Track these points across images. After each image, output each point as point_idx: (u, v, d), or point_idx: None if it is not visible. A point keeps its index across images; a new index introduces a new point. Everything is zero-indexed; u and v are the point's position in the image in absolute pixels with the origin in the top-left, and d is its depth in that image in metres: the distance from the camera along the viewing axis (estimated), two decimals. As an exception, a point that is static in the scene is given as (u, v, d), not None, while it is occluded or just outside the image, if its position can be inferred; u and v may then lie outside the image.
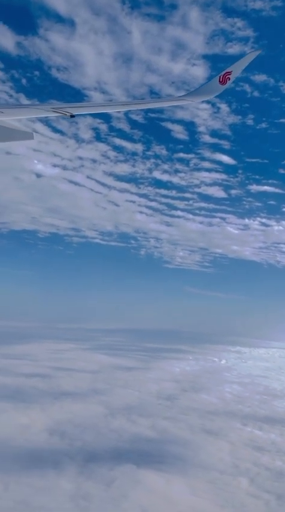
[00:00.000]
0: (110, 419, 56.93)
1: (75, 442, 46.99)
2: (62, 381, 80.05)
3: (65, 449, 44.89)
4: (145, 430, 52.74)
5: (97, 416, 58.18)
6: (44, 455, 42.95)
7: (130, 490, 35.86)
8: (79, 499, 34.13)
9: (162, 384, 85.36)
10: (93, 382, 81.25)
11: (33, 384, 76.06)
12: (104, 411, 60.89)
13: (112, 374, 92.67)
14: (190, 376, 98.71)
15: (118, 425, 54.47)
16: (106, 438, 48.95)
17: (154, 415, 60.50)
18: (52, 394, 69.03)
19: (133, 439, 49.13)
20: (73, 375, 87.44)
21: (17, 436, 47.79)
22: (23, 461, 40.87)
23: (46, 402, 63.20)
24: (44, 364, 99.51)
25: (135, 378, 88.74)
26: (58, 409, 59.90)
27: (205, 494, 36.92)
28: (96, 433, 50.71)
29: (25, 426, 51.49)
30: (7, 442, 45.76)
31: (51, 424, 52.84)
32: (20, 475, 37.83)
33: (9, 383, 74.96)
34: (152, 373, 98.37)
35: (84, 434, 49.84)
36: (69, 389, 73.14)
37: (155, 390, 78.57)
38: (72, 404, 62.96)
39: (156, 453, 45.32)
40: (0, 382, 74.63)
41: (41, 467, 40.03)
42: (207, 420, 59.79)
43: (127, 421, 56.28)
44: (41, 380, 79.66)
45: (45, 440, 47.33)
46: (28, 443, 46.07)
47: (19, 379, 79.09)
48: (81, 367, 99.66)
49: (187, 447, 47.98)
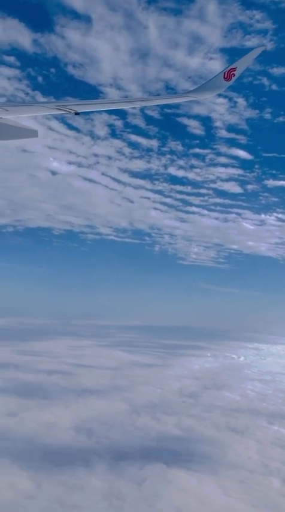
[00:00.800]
0: (135, 417, 56.80)
1: (102, 440, 46.96)
2: (83, 378, 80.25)
3: (93, 447, 44.88)
4: (171, 429, 52.48)
5: (122, 413, 58.11)
6: (73, 453, 43.01)
7: (163, 490, 35.64)
8: (113, 498, 34.03)
9: (183, 381, 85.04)
10: (113, 379, 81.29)
11: (54, 380, 76.45)
12: (128, 409, 60.81)
13: (132, 371, 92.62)
14: (210, 373, 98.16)
15: (143, 423, 54.32)
16: (133, 436, 48.82)
17: (178, 413, 60.23)
18: (74, 391, 69.24)
19: (160, 438, 48.90)
20: (94, 372, 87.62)
21: (44, 434, 47.96)
22: (53, 459, 40.96)
23: (69, 399, 63.41)
24: (64, 360, 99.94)
25: (156, 375, 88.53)
26: (83, 407, 60.01)
27: (237, 494, 36.51)
28: (122, 431, 50.62)
29: (51, 424, 51.67)
30: (35, 439, 45.95)
31: (77, 422, 52.94)
32: (51, 473, 37.90)
33: (31, 380, 75.47)
34: (172, 370, 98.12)
35: (111, 432, 49.80)
36: (91, 387, 73.26)
37: (177, 387, 78.30)
38: (95, 402, 63.03)
39: (184, 452, 45.03)
40: (22, 379, 75.21)
41: (71, 465, 40.07)
42: (232, 418, 59.28)
43: (152, 419, 56.10)
44: (62, 377, 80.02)
45: (72, 438, 47.42)
46: (55, 441, 46.21)
47: (40, 376, 79.57)
48: (100, 363, 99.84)
49: (215, 446, 47.57)
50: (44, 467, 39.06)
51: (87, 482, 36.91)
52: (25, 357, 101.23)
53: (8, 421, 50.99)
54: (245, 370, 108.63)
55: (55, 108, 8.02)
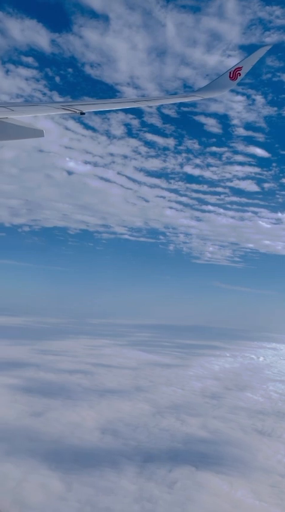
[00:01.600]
0: (159, 418, 56.36)
1: (129, 442, 46.62)
2: (104, 378, 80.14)
3: (120, 448, 44.56)
4: (197, 430, 51.89)
5: (146, 414, 57.74)
6: (101, 455, 42.75)
7: (194, 493, 35.12)
8: (144, 501, 33.63)
9: (204, 381, 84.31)
10: (134, 379, 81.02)
11: (76, 380, 76.49)
12: (151, 409, 60.42)
13: (152, 371, 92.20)
14: (231, 373, 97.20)
15: (168, 424, 53.84)
16: (160, 438, 48.37)
17: (202, 414, 59.60)
18: (96, 391, 69.13)
19: (187, 440, 48.38)
20: (114, 372, 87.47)
21: (70, 434, 47.85)
22: (81, 460, 40.77)
23: (92, 399, 63.29)
24: (83, 360, 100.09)
25: (176, 375, 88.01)
26: (106, 407, 59.79)
27: (271, 499, 35.80)
28: (148, 432, 50.22)
29: (76, 424, 51.53)
30: (62, 440, 45.85)
31: (102, 422, 52.74)
32: (81, 475, 37.69)
33: (53, 379, 75.66)
34: (192, 370, 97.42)
35: (137, 434, 49.44)
36: (113, 387, 73.07)
37: (198, 388, 77.62)
38: (118, 402, 62.76)
39: (212, 454, 44.42)
40: (44, 379, 75.44)
41: (100, 466, 39.81)
42: (257, 420, 58.43)
43: (176, 420, 55.60)
44: (83, 376, 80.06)
45: (98, 439, 47.19)
46: (82, 441, 46.02)
47: (62, 375, 79.74)
48: (119, 363, 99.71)
49: (243, 448, 46.85)
50: (73, 468, 38.88)
51: (117, 484, 36.59)
52: (45, 356, 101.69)
53: (34, 421, 51.03)
54: (266, 370, 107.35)
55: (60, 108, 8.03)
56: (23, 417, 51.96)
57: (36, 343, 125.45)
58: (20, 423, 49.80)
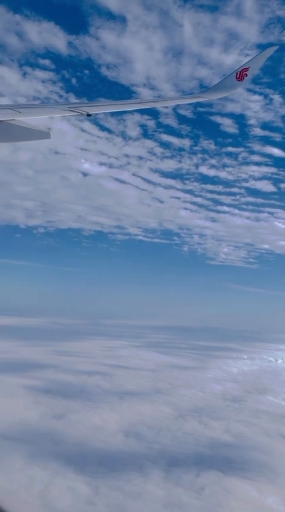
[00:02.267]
0: (182, 421, 55.79)
1: (153, 445, 46.16)
2: (123, 380, 79.80)
3: (145, 452, 44.12)
4: (221, 434, 51.18)
5: (168, 417, 57.22)
6: (125, 458, 42.38)
7: (224, 499, 34.50)
8: (173, 507, 33.13)
9: (224, 384, 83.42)
10: (153, 382, 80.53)
11: (95, 382, 76.33)
12: (173, 412, 59.86)
13: (171, 373, 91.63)
14: (250, 376, 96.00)
15: (192, 428, 53.23)
16: (184, 442, 47.81)
17: (225, 417, 58.84)
18: (116, 393, 68.80)
19: (212, 444, 47.72)
20: (132, 374, 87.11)
21: (93, 437, 47.58)
22: (106, 464, 40.44)
23: (113, 402, 62.96)
24: (101, 361, 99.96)
25: (195, 378, 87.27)
26: (127, 409, 59.42)
27: (302, 507, 34.93)
28: (172, 436, 49.69)
29: (99, 427, 51.25)
30: (85, 443, 45.60)
31: (124, 425, 52.36)
32: (107, 479, 37.36)
33: (72, 381, 75.63)
34: (211, 372, 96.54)
35: (160, 437, 48.95)
36: (132, 389, 72.70)
37: (218, 391, 76.79)
38: (139, 405, 62.36)
39: (238, 459, 43.69)
40: (63, 380, 75.45)
41: (125, 470, 39.42)
42: (282, 424, 57.39)
43: (199, 424, 54.94)
44: (102, 378, 79.86)
45: (122, 442, 46.81)
46: (106, 445, 45.71)
47: (81, 377, 79.64)
48: (137, 365, 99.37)
49: (269, 454, 45.99)
50: (99, 472, 38.58)
51: (144, 489, 36.15)
52: (62, 357, 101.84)
53: (56, 423, 50.90)
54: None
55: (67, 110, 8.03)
56: (46, 419, 51.86)
57: (52, 344, 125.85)
58: (43, 425, 49.69)
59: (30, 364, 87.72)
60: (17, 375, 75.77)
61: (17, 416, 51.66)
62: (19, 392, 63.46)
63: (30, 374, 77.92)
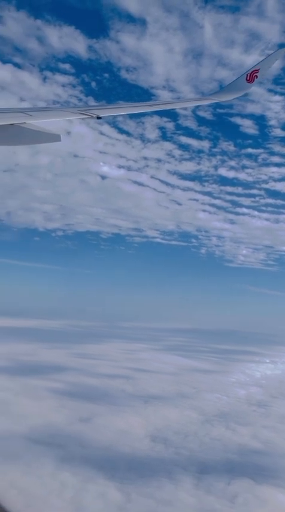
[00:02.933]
0: (208, 426, 55.09)
1: (181, 451, 45.64)
2: (146, 384, 79.46)
3: (173, 458, 43.65)
4: (249, 441, 50.32)
5: (194, 422, 56.63)
6: (154, 464, 41.97)
7: (258, 509, 33.78)
8: (207, 515, 32.56)
9: (247, 388, 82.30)
10: (176, 386, 79.98)
11: (118, 385, 76.16)
12: (199, 417, 59.24)
13: (193, 377, 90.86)
14: (274, 380, 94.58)
15: (219, 433, 52.50)
16: (212, 448, 47.16)
17: (252, 423, 57.88)
18: (140, 397, 68.50)
19: (240, 450, 46.93)
20: (154, 377, 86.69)
21: (121, 442, 47.32)
22: (135, 469, 40.11)
23: (137, 406, 62.68)
24: (122, 364, 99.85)
25: (218, 382, 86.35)
26: (152, 414, 59.03)
27: None
28: (199, 441, 49.08)
29: (125, 431, 50.99)
30: (113, 447, 45.38)
31: (151, 430, 51.99)
32: (137, 485, 37.00)
33: (95, 384, 75.62)
34: (233, 376, 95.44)
35: (188, 443, 48.41)
36: (156, 393, 72.27)
37: (243, 395, 75.77)
38: (164, 409, 61.88)
39: (269, 467, 42.84)
40: (86, 383, 75.50)
41: (155, 476, 39.00)
42: (311, 431, 56.14)
43: (226, 430, 54.17)
44: (124, 382, 79.66)
45: (149, 448, 46.43)
46: (134, 450, 45.40)
47: (103, 380, 79.61)
48: (158, 368, 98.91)
49: (300, 461, 44.94)
50: (129, 478, 38.25)
51: (175, 496, 35.68)
52: (83, 360, 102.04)
53: (82, 427, 50.84)
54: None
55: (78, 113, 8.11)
56: (72, 423, 51.86)
57: (72, 346, 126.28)
58: (70, 429, 49.69)
59: (51, 367, 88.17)
60: (40, 377, 76.22)
61: (44, 419, 51.81)
62: (44, 395, 63.72)
63: (53, 377, 78.29)
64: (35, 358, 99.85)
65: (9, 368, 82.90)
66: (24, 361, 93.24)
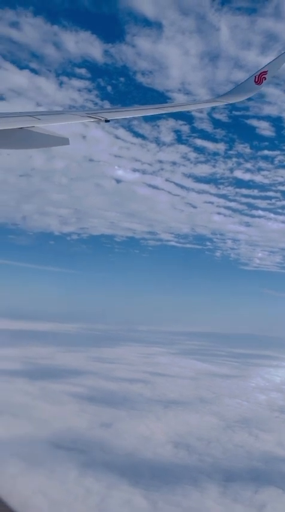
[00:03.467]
0: (230, 433, 54.28)
1: (204, 458, 45.01)
2: (165, 388, 78.82)
3: (197, 465, 43.05)
4: (273, 448, 49.38)
5: (215, 428, 55.86)
6: (178, 471, 41.44)
7: (288, 519, 32.95)
8: (236, 525, 31.89)
9: (268, 394, 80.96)
10: (196, 390, 79.14)
11: (137, 390, 75.72)
12: (220, 423, 58.42)
13: (212, 382, 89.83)
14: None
15: (242, 440, 51.65)
16: (236, 455, 46.38)
17: (275, 429, 56.85)
18: (160, 402, 67.94)
19: (265, 458, 46.06)
20: (173, 382, 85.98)
21: (143, 447, 46.87)
22: (159, 476, 39.63)
23: (158, 411, 62.14)
24: (140, 368, 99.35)
25: (238, 387, 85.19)
26: (173, 419, 58.46)
27: None
28: (222, 448, 48.35)
29: (147, 437, 50.54)
30: (136, 453, 44.98)
31: (172, 436, 51.42)
32: (163, 492, 36.52)
33: (114, 389, 75.27)
34: (253, 381, 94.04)
35: (211, 449, 47.72)
36: (175, 398, 71.65)
37: (263, 401, 74.57)
38: (184, 414, 61.27)
39: (296, 475, 41.84)
40: (106, 388, 75.23)
41: (180, 484, 38.49)
42: None
43: (249, 436, 53.28)
44: (143, 386, 79.15)
45: (172, 454, 45.91)
46: (157, 456, 44.92)
47: (122, 384, 79.21)
48: (176, 373, 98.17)
49: None
50: (153, 485, 37.81)
51: (202, 504, 35.12)
52: (101, 364, 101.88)
53: (105, 433, 50.57)
54: None
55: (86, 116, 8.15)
56: (94, 428, 51.64)
57: (88, 350, 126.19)
58: (92, 434, 49.47)
59: (70, 371, 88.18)
60: (59, 381, 76.28)
61: (66, 424, 51.69)
62: (64, 399, 63.68)
63: (72, 381, 78.23)
64: (53, 361, 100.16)
65: (28, 371, 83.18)
66: (42, 365, 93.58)
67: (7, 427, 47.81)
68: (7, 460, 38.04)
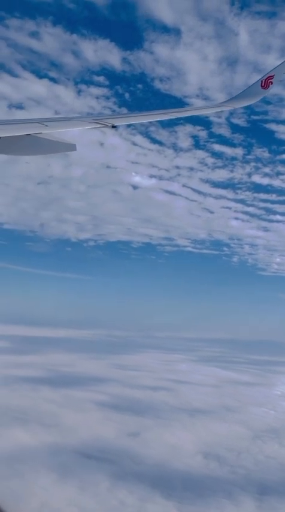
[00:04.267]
0: (260, 443, 53.05)
1: (236, 469, 43.95)
2: (189, 396, 77.84)
3: (230, 477, 42.04)
4: (307, 459, 47.94)
5: (244, 438, 54.68)
6: (210, 483, 40.49)
7: None
8: None
9: (295, 402, 79.21)
10: (220, 398, 77.90)
11: (161, 398, 74.89)
12: (248, 433, 57.19)
13: (235, 389, 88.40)
14: None
15: (273, 451, 50.41)
16: (268, 467, 45.16)
17: (305, 440, 55.30)
18: (185, 410, 67.00)
19: (300, 470, 44.69)
20: (196, 389, 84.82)
21: (173, 458, 46.04)
22: (193, 489, 38.77)
23: (184, 419, 61.28)
24: (162, 376, 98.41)
25: (263, 395, 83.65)
26: (201, 428, 57.48)
27: None
28: (254, 459, 47.20)
29: (175, 447, 49.69)
30: (166, 464, 44.17)
31: (201, 446, 50.46)
32: (198, 505, 35.66)
33: (138, 396, 74.61)
34: (278, 389, 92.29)
35: (242, 461, 46.64)
36: (201, 406, 70.54)
37: (291, 410, 72.87)
38: (211, 423, 60.20)
39: None
40: (130, 396, 74.60)
41: (214, 496, 37.59)
42: None
43: (280, 447, 51.97)
44: (167, 394, 78.29)
45: (203, 465, 44.98)
46: (187, 467, 44.07)
47: (146, 392, 78.50)
48: (199, 380, 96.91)
49: None
50: (187, 497, 37.01)
51: (238, 518, 34.10)
52: (123, 371, 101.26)
53: (133, 442, 49.91)
54: None
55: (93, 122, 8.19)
56: (121, 437, 51.01)
57: (108, 357, 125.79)
58: (120, 443, 48.85)
59: (92, 378, 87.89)
60: (82, 389, 75.97)
61: (93, 433, 51.20)
62: (89, 408, 63.27)
63: (95, 388, 77.86)
64: (74, 368, 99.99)
65: (50, 379, 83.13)
66: (64, 372, 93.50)
67: (35, 436, 47.56)
68: (38, 471, 37.70)
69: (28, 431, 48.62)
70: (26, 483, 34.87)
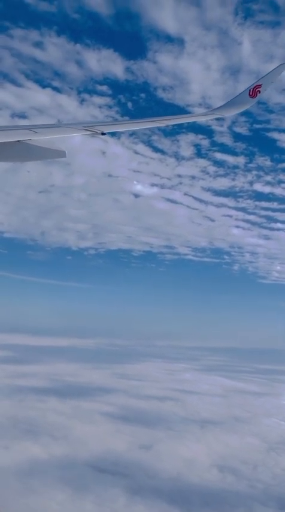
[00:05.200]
0: (275, 455, 51.82)
1: (254, 484, 42.70)
2: (197, 407, 76.53)
3: (249, 492, 40.82)
4: None
5: (259, 451, 53.44)
6: (230, 497, 39.29)
7: None
8: None
9: (305, 413, 77.89)
10: (229, 409, 76.55)
11: (169, 408, 73.63)
12: (262, 445, 55.97)
13: (243, 399, 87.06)
14: None
15: (289, 464, 49.10)
16: (287, 480, 43.89)
17: None
18: (195, 421, 65.68)
19: None
20: (204, 400, 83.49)
21: (187, 471, 44.82)
22: (212, 504, 37.56)
23: (195, 431, 60.02)
24: (167, 386, 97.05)
25: (272, 405, 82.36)
26: (213, 440, 56.25)
27: None
28: (271, 473, 45.97)
29: (189, 460, 48.40)
30: (181, 478, 42.98)
31: (216, 459, 49.21)
32: (218, 522, 34.42)
33: (146, 407, 73.26)
34: None
35: (259, 474, 45.40)
36: (210, 417, 69.25)
37: (302, 421, 71.58)
38: (223, 435, 58.96)
39: None
40: (137, 406, 73.27)
41: (234, 512, 36.31)
42: None
43: (296, 459, 50.66)
44: (174, 404, 77.07)
45: (219, 479, 43.73)
46: (203, 481, 42.83)
47: (152, 402, 77.16)
48: (205, 390, 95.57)
49: None
50: (206, 513, 35.71)
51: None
52: (128, 381, 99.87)
53: (145, 455, 48.67)
54: None
55: (83, 129, 8.23)
56: (133, 449, 49.78)
57: (111, 366, 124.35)
58: (132, 456, 47.62)
59: (97, 388, 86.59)
60: (89, 399, 74.67)
61: (104, 445, 49.95)
62: (97, 419, 62.00)
63: (102, 399, 76.52)
64: (79, 378, 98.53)
65: (56, 389, 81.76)
66: (68, 382, 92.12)
67: (46, 449, 46.29)
68: (53, 485, 36.45)
69: (38, 443, 47.37)
70: (42, 499, 33.61)
